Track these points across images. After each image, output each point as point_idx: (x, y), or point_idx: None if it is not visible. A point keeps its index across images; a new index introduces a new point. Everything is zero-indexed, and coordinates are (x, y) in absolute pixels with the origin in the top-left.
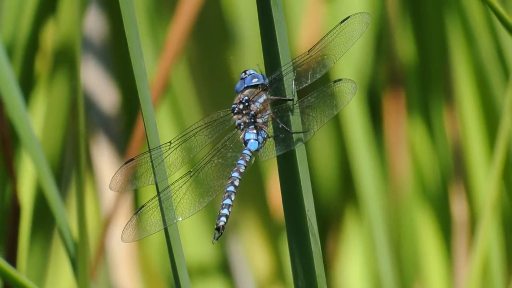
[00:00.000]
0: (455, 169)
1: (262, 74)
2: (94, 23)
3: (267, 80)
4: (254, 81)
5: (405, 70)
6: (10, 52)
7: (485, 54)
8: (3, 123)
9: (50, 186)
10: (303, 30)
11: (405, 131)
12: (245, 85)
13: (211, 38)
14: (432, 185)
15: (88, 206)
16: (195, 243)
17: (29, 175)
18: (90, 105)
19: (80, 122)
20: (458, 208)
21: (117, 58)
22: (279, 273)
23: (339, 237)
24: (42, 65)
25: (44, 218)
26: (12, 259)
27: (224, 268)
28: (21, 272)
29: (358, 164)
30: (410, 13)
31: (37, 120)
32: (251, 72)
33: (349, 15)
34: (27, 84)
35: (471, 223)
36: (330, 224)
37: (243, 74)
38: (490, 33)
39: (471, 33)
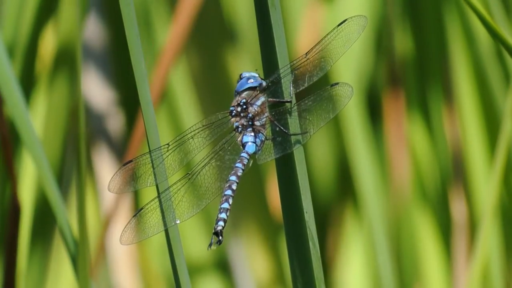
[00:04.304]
0: (455, 170)
1: (260, 77)
2: (94, 27)
3: (264, 83)
4: (251, 82)
5: (405, 70)
6: (11, 52)
7: (485, 54)
8: (4, 123)
9: (51, 185)
10: (301, 32)
11: (405, 132)
12: (243, 88)
13: (210, 38)
14: (431, 186)
15: (88, 206)
16: (195, 244)
17: (30, 175)
18: (90, 107)
19: (80, 123)
20: (458, 209)
21: (116, 60)
22: (279, 273)
23: (339, 238)
24: (42, 66)
25: (45, 218)
26: (12, 259)
27: (224, 268)
28: (21, 272)
29: (358, 165)
30: (410, 13)
31: (37, 121)
32: (248, 75)
33: (346, 18)
34: (28, 85)
35: (470, 224)
36: (330, 224)
37: (241, 76)
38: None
39: (471, 33)
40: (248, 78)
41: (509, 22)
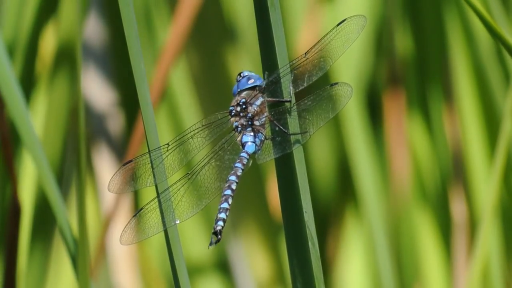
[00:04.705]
0: (455, 170)
1: (259, 76)
2: (94, 27)
3: (263, 82)
4: (250, 82)
5: (405, 70)
6: (11, 52)
7: (485, 54)
8: (4, 123)
9: (51, 185)
10: (302, 32)
11: (405, 131)
12: (242, 88)
13: (210, 38)
14: (431, 186)
15: (88, 206)
16: (195, 243)
17: (30, 175)
18: (90, 107)
19: (80, 123)
20: (458, 209)
21: (116, 60)
22: (279, 273)
23: (339, 238)
24: (43, 65)
25: (45, 218)
26: (12, 259)
27: (224, 268)
28: (22, 272)
29: (358, 165)
30: (410, 13)
31: (37, 121)
32: (247, 74)
33: (345, 17)
34: (28, 85)
35: (470, 224)
36: (330, 224)
37: (239, 76)
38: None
39: (471, 33)
40: (247, 78)
41: (509, 22)
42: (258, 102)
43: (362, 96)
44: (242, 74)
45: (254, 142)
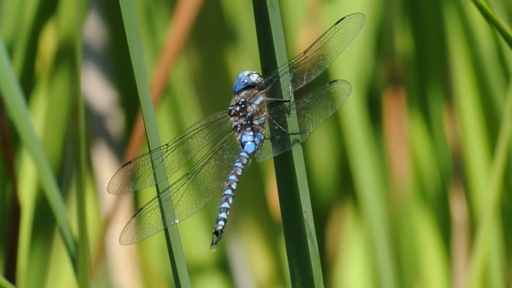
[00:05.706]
0: (455, 170)
1: (258, 75)
2: (94, 27)
3: (263, 82)
4: (250, 82)
5: (406, 69)
6: (11, 52)
7: (485, 54)
8: (4, 123)
9: (50, 185)
10: (302, 32)
11: (405, 131)
12: (241, 87)
13: (210, 38)
14: (431, 186)
15: (88, 206)
16: (195, 243)
17: (30, 175)
18: (90, 107)
19: (80, 123)
20: (458, 209)
21: (116, 60)
22: (278, 273)
23: (339, 238)
24: (43, 65)
25: (45, 218)
26: (12, 259)
27: (224, 268)
28: (22, 271)
29: (358, 164)
30: (410, 13)
31: (37, 121)
32: (247, 74)
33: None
34: (28, 85)
35: (470, 224)
36: (330, 224)
37: (239, 75)
38: (490, 33)
39: (471, 33)
40: (246, 77)
41: (509, 22)
42: (257, 102)
43: (362, 96)
44: (241, 74)
45: (253, 141)
